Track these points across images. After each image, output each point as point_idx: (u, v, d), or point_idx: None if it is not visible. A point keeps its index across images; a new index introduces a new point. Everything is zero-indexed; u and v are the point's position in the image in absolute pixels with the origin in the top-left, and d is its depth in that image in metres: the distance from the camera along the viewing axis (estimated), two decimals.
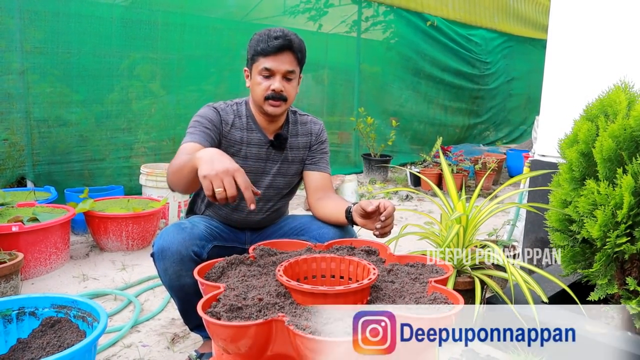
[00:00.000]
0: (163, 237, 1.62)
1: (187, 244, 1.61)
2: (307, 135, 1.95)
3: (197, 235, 1.67)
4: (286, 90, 1.76)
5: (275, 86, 1.73)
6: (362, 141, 6.12)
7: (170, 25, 4.44)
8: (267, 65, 1.72)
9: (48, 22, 3.72)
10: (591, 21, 2.54)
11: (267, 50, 1.71)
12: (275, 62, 1.72)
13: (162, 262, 1.60)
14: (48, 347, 1.62)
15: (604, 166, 1.76)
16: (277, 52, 1.71)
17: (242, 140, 1.84)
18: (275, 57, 1.72)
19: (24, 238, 2.65)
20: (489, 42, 8.12)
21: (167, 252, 1.59)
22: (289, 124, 1.93)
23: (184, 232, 1.63)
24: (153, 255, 1.63)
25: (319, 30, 5.95)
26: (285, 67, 1.73)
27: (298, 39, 1.77)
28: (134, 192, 4.10)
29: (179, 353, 1.98)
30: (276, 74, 1.74)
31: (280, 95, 1.75)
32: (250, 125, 1.86)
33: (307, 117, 2.00)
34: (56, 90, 3.86)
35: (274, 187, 1.91)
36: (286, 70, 1.74)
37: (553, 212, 1.98)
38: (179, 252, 1.59)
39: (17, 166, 3.72)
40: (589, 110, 1.93)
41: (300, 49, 1.77)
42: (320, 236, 1.75)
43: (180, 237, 1.61)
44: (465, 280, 1.94)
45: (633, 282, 1.72)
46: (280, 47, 1.71)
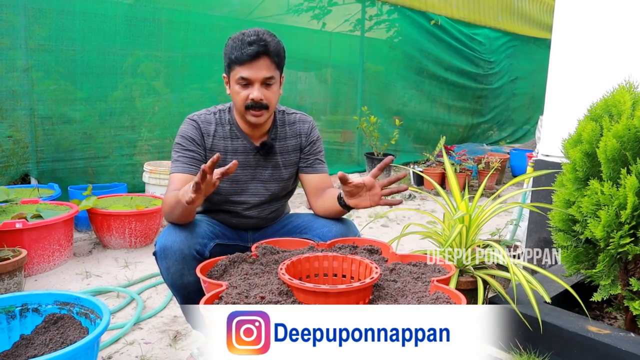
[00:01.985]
0: (165, 235, 1.62)
1: (189, 242, 1.60)
2: (297, 136, 1.88)
3: (200, 233, 1.67)
4: (266, 98, 1.68)
5: (254, 95, 1.66)
6: (365, 140, 6.11)
7: (175, 23, 4.45)
8: (244, 75, 1.65)
9: (53, 20, 3.73)
10: (596, 21, 2.53)
11: (242, 58, 1.63)
12: (251, 71, 1.64)
13: (165, 261, 1.60)
14: (51, 344, 1.63)
15: (607, 166, 1.75)
16: (253, 60, 1.63)
17: (226, 149, 1.79)
18: (251, 65, 1.64)
19: (27, 235, 2.66)
20: (493, 41, 8.10)
21: (169, 250, 1.58)
22: (277, 126, 1.86)
23: (186, 231, 1.63)
24: (155, 254, 1.63)
25: (323, 28, 5.94)
26: (262, 74, 1.65)
27: (274, 40, 1.69)
28: (137, 189, 4.11)
29: (181, 350, 1.99)
30: (254, 82, 1.66)
31: (260, 104, 1.68)
32: (234, 132, 1.80)
33: (295, 115, 1.91)
34: (60, 88, 3.87)
35: (268, 193, 1.86)
36: (264, 78, 1.66)
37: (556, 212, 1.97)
38: (181, 251, 1.58)
39: (21, 163, 3.73)
40: (593, 110, 1.92)
41: (277, 52, 1.69)
42: (324, 234, 1.75)
43: (183, 236, 1.60)
44: (468, 279, 1.94)
45: (637, 282, 1.71)
46: (255, 54, 1.63)
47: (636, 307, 1.72)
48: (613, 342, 1.68)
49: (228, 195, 1.82)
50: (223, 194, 1.81)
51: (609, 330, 1.77)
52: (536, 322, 1.79)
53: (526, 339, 1.90)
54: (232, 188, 1.81)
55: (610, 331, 1.76)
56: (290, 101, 5.68)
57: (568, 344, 1.79)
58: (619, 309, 1.93)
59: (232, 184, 1.80)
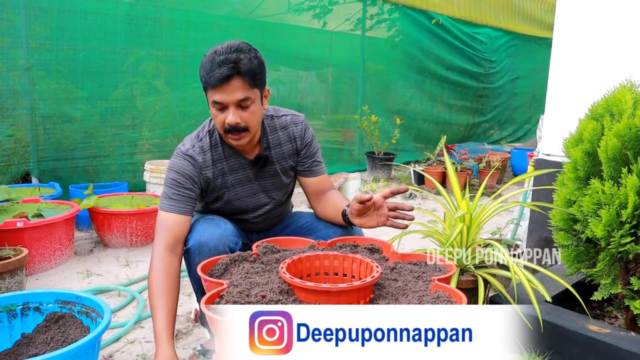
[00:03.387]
0: (199, 232, 1.61)
1: (224, 240, 1.61)
2: (291, 141, 1.81)
3: (232, 231, 1.68)
4: (244, 120, 1.58)
5: (229, 120, 1.56)
6: (366, 139, 6.11)
7: (176, 22, 4.45)
8: (216, 99, 1.55)
9: (54, 19, 3.74)
10: (597, 20, 2.52)
11: (212, 82, 1.53)
12: (223, 94, 1.53)
13: (199, 257, 1.56)
14: (52, 342, 1.63)
15: (608, 165, 1.75)
16: (223, 83, 1.52)
17: (223, 170, 1.74)
18: (222, 89, 1.53)
19: (28, 234, 2.66)
20: (494, 40, 8.09)
21: (205, 247, 1.59)
22: (268, 133, 1.78)
23: (220, 228, 1.63)
24: (188, 250, 1.62)
25: (324, 28, 5.94)
26: (235, 97, 1.54)
27: (247, 58, 1.54)
28: (138, 188, 4.12)
29: (182, 349, 1.99)
30: (228, 106, 1.56)
31: (237, 128, 1.58)
32: (226, 152, 1.73)
33: (286, 117, 1.82)
34: (61, 87, 3.87)
35: (273, 201, 1.86)
36: (238, 100, 1.54)
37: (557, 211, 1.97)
38: (217, 248, 1.59)
39: (22, 162, 3.74)
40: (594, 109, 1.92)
41: (250, 70, 1.54)
42: (328, 236, 1.74)
43: (218, 233, 1.61)
44: (469, 278, 1.94)
45: (637, 281, 1.71)
46: (225, 77, 1.51)
47: (637, 306, 1.72)
48: (614, 342, 1.68)
49: (234, 214, 1.83)
50: (229, 212, 1.82)
51: (610, 329, 1.77)
52: (537, 321, 1.79)
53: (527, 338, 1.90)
54: (237, 206, 1.82)
55: (610, 330, 1.76)
56: (291, 100, 5.68)
57: (568, 343, 1.79)
58: (619, 308, 1.93)
59: (237, 202, 1.81)
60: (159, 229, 1.62)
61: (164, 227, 1.61)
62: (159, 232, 1.61)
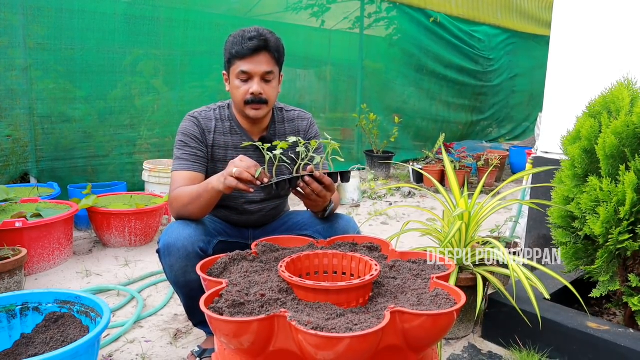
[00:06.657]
0: (169, 233, 1.62)
1: (193, 240, 1.61)
2: (296, 133, 1.90)
3: (203, 231, 1.68)
4: (266, 93, 1.72)
5: (254, 89, 1.70)
6: (365, 138, 6.11)
7: (174, 21, 4.44)
8: (244, 68, 1.69)
9: (51, 18, 3.73)
10: (595, 18, 2.53)
11: (243, 52, 1.68)
12: (252, 64, 1.69)
13: (169, 258, 1.60)
14: (52, 342, 1.63)
15: (606, 163, 1.75)
16: (253, 54, 1.68)
17: (226, 144, 1.82)
18: (252, 59, 1.68)
19: (27, 234, 2.66)
20: (492, 38, 8.09)
21: (173, 248, 1.59)
22: (275, 123, 1.89)
23: (190, 228, 1.63)
24: (159, 252, 1.64)
25: (322, 26, 5.94)
26: (262, 69, 1.70)
27: (274, 37, 1.73)
28: (137, 188, 4.12)
29: (181, 349, 1.99)
30: (254, 77, 1.70)
31: (260, 99, 1.72)
32: (234, 128, 1.83)
33: (294, 112, 1.95)
34: (59, 87, 3.87)
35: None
36: (264, 72, 1.70)
37: (555, 208, 1.98)
38: (185, 248, 1.59)
39: (20, 162, 3.73)
40: (592, 107, 1.93)
41: (277, 48, 1.73)
42: (325, 230, 1.77)
43: (186, 233, 1.61)
44: (468, 276, 1.94)
45: (635, 279, 1.72)
46: (255, 48, 1.67)
47: (635, 303, 1.73)
48: (612, 338, 1.69)
49: (231, 198, 1.83)
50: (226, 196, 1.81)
51: (608, 326, 1.78)
52: (536, 318, 1.80)
53: (526, 335, 1.91)
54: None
55: (609, 327, 1.77)
56: (290, 99, 5.68)
57: (567, 340, 1.79)
58: (618, 305, 1.94)
59: None
60: (171, 187, 1.71)
61: (175, 184, 1.70)
62: (172, 189, 1.70)
